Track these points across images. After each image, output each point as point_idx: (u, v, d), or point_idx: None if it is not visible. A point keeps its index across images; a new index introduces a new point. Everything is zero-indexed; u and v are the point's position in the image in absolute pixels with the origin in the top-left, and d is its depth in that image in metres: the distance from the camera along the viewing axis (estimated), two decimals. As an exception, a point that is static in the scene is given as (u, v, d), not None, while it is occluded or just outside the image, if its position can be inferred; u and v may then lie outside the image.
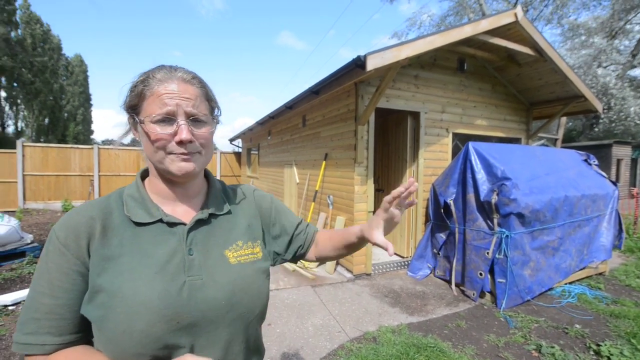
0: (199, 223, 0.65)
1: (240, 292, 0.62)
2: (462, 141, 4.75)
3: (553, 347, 2.39)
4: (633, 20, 13.70)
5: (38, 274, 0.56)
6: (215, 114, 0.67)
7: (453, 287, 3.56)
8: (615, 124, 14.72)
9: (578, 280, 3.83)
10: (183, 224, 0.63)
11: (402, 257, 4.50)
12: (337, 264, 4.24)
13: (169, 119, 0.58)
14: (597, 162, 4.58)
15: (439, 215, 3.83)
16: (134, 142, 0.66)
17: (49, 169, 9.01)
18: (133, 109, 0.60)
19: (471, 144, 3.55)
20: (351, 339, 2.56)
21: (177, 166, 0.59)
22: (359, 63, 3.00)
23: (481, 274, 3.25)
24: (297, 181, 5.84)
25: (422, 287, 3.69)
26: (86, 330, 0.58)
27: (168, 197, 0.66)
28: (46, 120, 21.36)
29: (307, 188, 5.34)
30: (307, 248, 0.86)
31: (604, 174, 4.44)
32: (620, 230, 4.35)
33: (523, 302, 3.20)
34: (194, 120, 0.60)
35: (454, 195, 3.61)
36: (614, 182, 4.39)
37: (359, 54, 2.99)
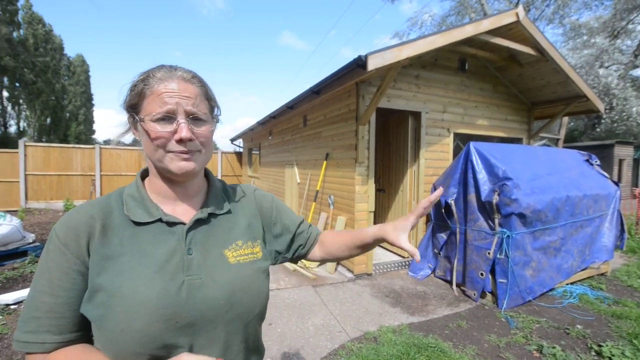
0: (199, 222, 0.65)
1: (239, 292, 0.62)
2: (463, 141, 4.74)
3: (554, 348, 2.38)
4: (635, 20, 13.63)
5: (39, 273, 0.56)
6: (215, 113, 0.67)
7: (454, 287, 3.55)
8: (617, 124, 14.68)
9: (580, 280, 3.81)
10: (182, 223, 0.63)
11: (403, 257, 4.49)
12: (338, 263, 4.24)
13: (169, 117, 0.58)
14: (599, 162, 4.56)
15: (440, 216, 3.82)
16: (135, 142, 0.66)
17: (50, 168, 9.04)
18: (133, 108, 0.60)
19: (472, 144, 3.54)
20: (352, 338, 2.56)
21: (176, 165, 0.59)
22: (360, 63, 2.99)
23: (482, 274, 3.24)
24: (298, 181, 5.84)
25: (423, 287, 3.68)
26: (86, 329, 0.58)
27: (168, 196, 0.65)
28: (48, 120, 21.44)
29: (308, 188, 5.34)
30: (308, 248, 0.85)
31: (605, 174, 4.42)
32: (622, 231, 4.33)
33: (524, 302, 3.19)
34: (193, 119, 0.60)
35: (455, 195, 3.60)
36: (615, 182, 4.38)
37: (360, 53, 2.99)
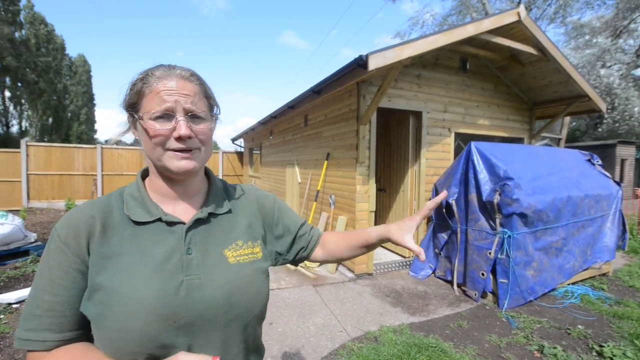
0: (198, 222, 0.65)
1: (238, 292, 0.62)
2: (464, 141, 4.73)
3: (555, 348, 2.38)
4: (638, 19, 13.55)
5: (40, 271, 0.56)
6: (214, 111, 0.67)
7: (455, 287, 3.55)
8: (619, 123, 14.63)
9: (581, 280, 3.80)
10: (182, 223, 0.63)
11: (403, 257, 4.49)
12: (339, 263, 4.23)
13: (168, 115, 0.58)
14: (600, 162, 4.54)
15: (440, 215, 3.81)
16: (136, 142, 0.66)
17: (52, 168, 9.07)
18: (132, 107, 0.60)
19: (473, 143, 3.53)
20: (352, 338, 2.56)
21: (175, 164, 0.59)
22: (360, 63, 2.99)
23: (483, 274, 3.23)
24: (299, 181, 5.84)
25: (423, 287, 3.68)
26: (86, 328, 0.58)
27: (168, 195, 0.65)
28: (50, 120, 21.54)
29: (309, 188, 5.34)
30: (309, 251, 0.85)
31: (607, 174, 4.40)
32: (624, 231, 4.32)
33: (525, 302, 3.18)
34: (192, 117, 0.60)
35: (456, 195, 3.59)
36: (617, 182, 4.36)
37: (361, 53, 2.98)
